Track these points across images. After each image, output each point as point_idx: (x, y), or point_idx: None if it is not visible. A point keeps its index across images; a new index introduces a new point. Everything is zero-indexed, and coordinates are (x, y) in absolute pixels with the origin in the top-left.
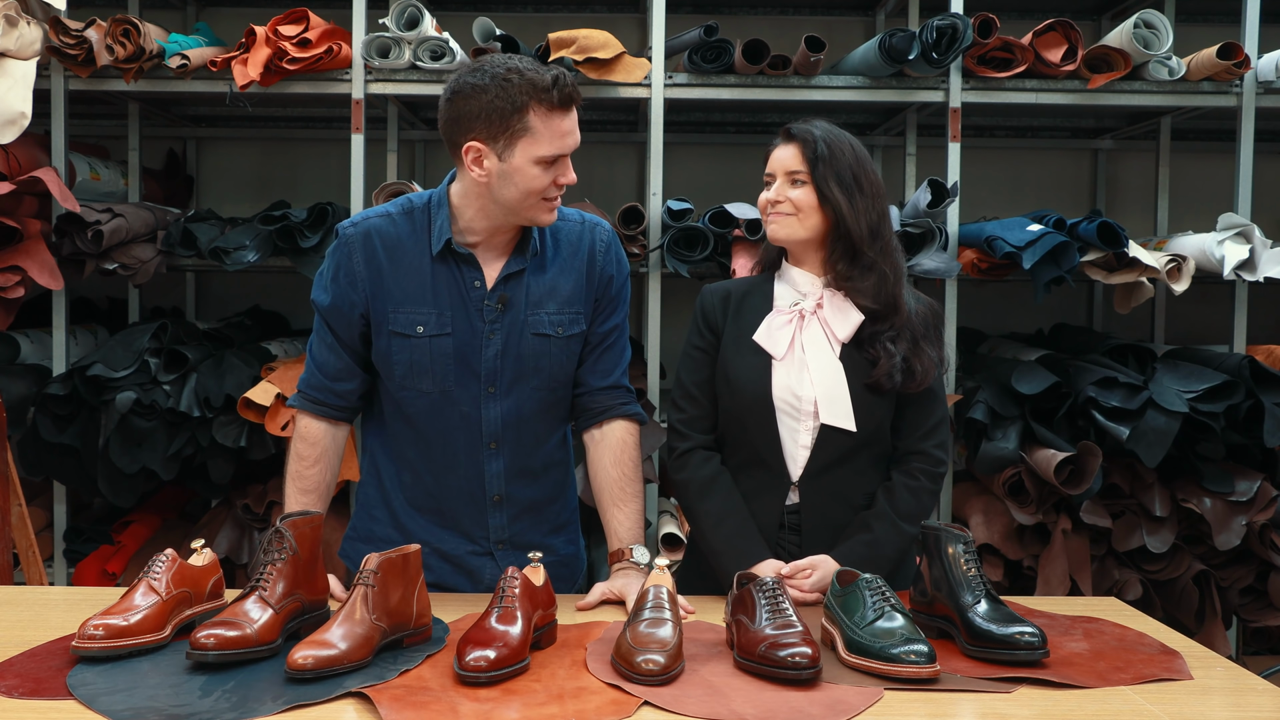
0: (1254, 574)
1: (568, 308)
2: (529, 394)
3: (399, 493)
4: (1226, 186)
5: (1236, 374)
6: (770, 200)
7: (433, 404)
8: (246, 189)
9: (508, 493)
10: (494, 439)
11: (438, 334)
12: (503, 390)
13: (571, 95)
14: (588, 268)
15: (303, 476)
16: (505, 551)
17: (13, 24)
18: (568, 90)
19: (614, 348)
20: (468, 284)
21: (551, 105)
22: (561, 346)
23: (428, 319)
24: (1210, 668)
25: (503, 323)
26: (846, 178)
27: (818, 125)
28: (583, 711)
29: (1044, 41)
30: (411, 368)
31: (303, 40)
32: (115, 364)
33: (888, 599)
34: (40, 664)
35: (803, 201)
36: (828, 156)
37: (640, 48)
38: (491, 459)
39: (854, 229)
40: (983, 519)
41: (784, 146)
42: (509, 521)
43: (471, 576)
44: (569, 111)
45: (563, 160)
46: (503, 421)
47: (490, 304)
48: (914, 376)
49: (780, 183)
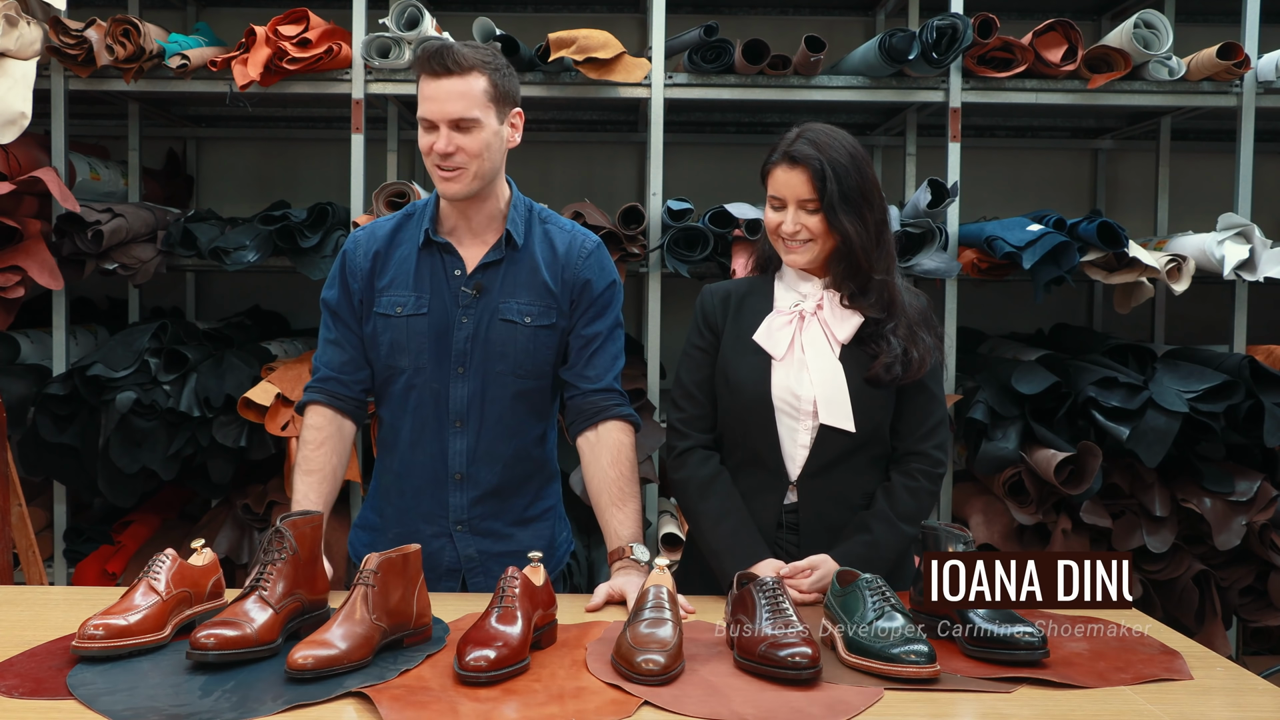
0: (1254, 574)
1: (539, 300)
2: (495, 378)
3: (380, 477)
4: (1226, 186)
5: (1236, 374)
6: (788, 232)
7: (409, 380)
8: (246, 189)
9: (469, 473)
10: (459, 418)
11: (414, 314)
12: (471, 372)
13: (439, 62)
14: (564, 269)
15: (307, 459)
16: (464, 534)
17: (13, 24)
18: (431, 56)
19: (602, 351)
20: (448, 271)
21: (426, 72)
22: (529, 335)
23: (407, 300)
24: (1210, 668)
25: (476, 308)
26: (854, 198)
27: (816, 139)
28: (583, 711)
29: (1044, 41)
30: (392, 346)
31: (303, 40)
32: (115, 364)
33: (888, 599)
34: (40, 664)
35: (817, 228)
36: (835, 179)
37: (640, 48)
38: (456, 436)
39: (861, 249)
40: (983, 519)
41: (790, 171)
42: (469, 504)
43: (431, 560)
44: (438, 78)
45: (438, 128)
46: (468, 401)
47: (466, 290)
48: (912, 364)
49: (794, 211)
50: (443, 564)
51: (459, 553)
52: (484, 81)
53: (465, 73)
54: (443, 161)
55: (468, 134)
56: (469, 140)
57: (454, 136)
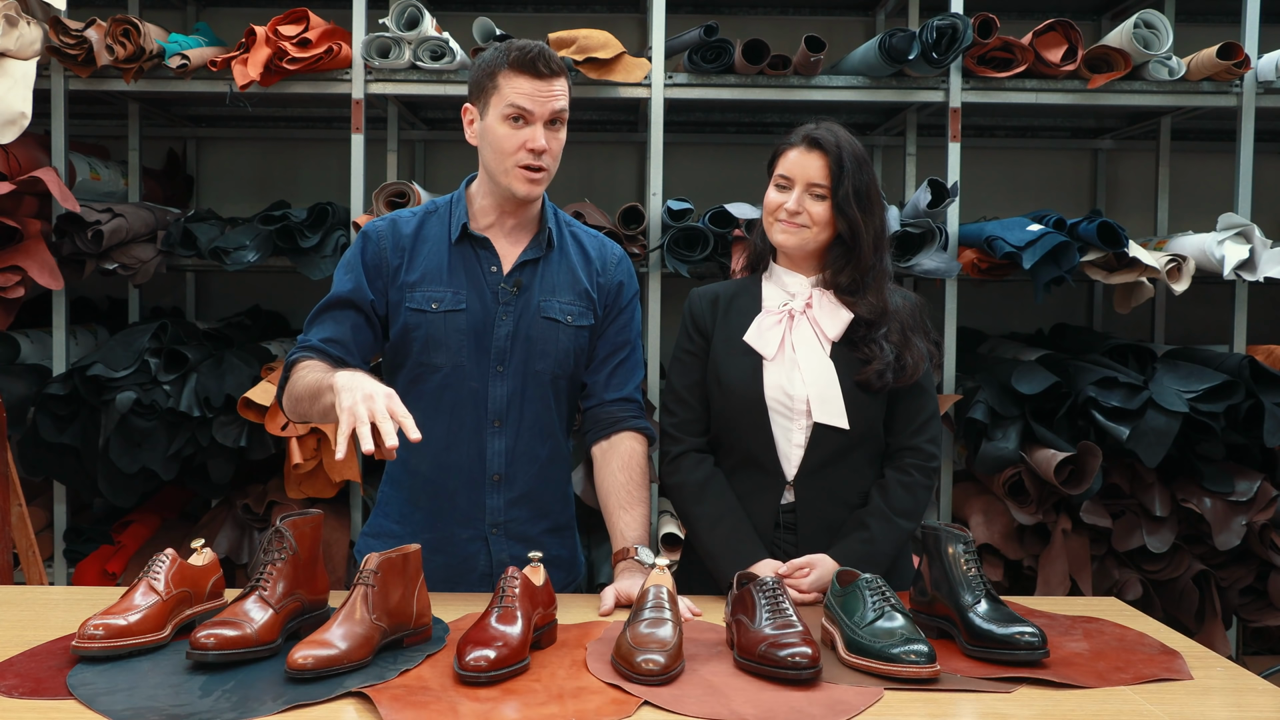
0: (1254, 574)
1: (579, 300)
2: (534, 377)
3: (405, 480)
4: (1226, 186)
5: (1236, 374)
6: (790, 210)
7: (445, 379)
8: (246, 189)
9: (508, 473)
10: (498, 417)
11: (453, 309)
12: (511, 370)
13: (536, 60)
14: (599, 274)
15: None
16: (499, 538)
17: (13, 24)
18: (531, 55)
19: (627, 363)
20: (485, 268)
21: (519, 67)
22: (570, 335)
23: (443, 296)
24: (1210, 668)
25: (515, 305)
26: (863, 194)
27: (836, 132)
28: (583, 711)
29: (1044, 41)
30: (428, 342)
31: (303, 40)
32: (115, 364)
33: (888, 599)
34: (40, 664)
35: (821, 216)
36: (850, 172)
37: (640, 48)
38: (495, 436)
39: (864, 246)
40: (983, 519)
41: (806, 153)
42: (506, 505)
43: (465, 564)
44: (535, 76)
45: (531, 124)
46: (508, 400)
47: (505, 287)
48: (905, 370)
49: (800, 193)
50: (477, 569)
51: (493, 557)
52: (567, 86)
53: (560, 76)
54: (534, 160)
55: (555, 134)
56: (556, 140)
57: (547, 134)
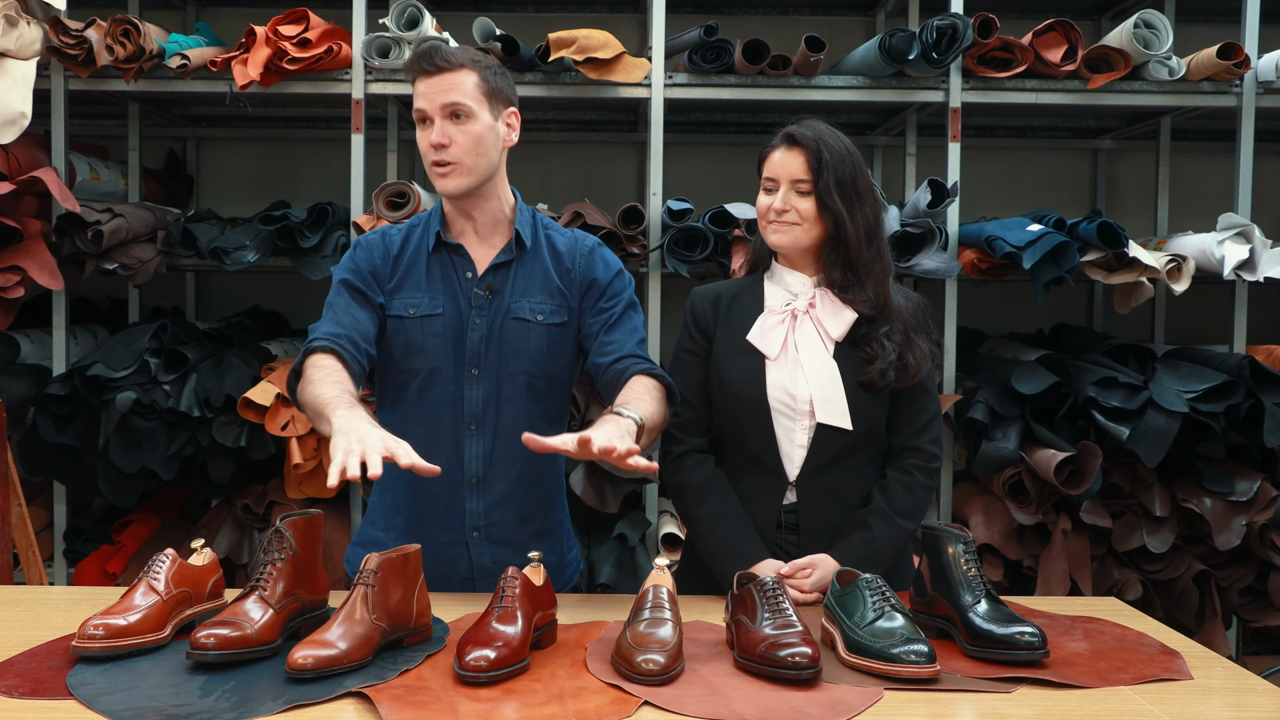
0: (1254, 574)
1: (551, 299)
2: (509, 378)
3: (389, 486)
4: (1226, 186)
5: (1236, 374)
6: (777, 210)
7: (423, 383)
8: (246, 189)
9: (486, 476)
10: (475, 420)
11: (429, 314)
12: (486, 373)
13: (423, 60)
14: (570, 270)
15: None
16: (480, 542)
17: (13, 24)
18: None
19: (620, 324)
20: (460, 273)
21: (415, 71)
22: (542, 334)
23: (420, 302)
24: (1210, 668)
25: (489, 309)
26: (847, 185)
27: (816, 128)
28: (583, 711)
29: (1044, 41)
30: (407, 348)
31: (303, 40)
32: (115, 364)
33: (888, 599)
34: (40, 664)
35: (807, 211)
36: (830, 164)
37: (640, 48)
38: (472, 439)
39: (852, 238)
40: (983, 519)
41: (786, 152)
42: (486, 509)
43: (446, 568)
44: (426, 74)
45: (433, 122)
46: (484, 403)
47: (478, 291)
48: (907, 370)
49: (785, 191)
50: (458, 573)
51: (473, 561)
52: (474, 77)
53: (454, 69)
54: (437, 155)
55: (460, 126)
56: (461, 132)
57: (446, 127)
